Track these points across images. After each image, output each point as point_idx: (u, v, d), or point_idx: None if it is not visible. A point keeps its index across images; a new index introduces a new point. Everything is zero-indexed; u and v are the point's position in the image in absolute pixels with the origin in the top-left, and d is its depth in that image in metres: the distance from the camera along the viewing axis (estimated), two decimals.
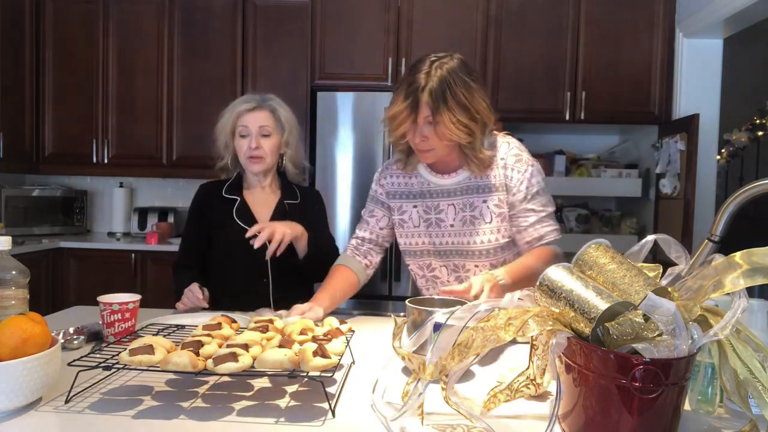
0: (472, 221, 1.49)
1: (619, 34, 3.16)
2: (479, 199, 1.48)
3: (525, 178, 1.46)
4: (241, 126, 1.71)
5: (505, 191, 1.47)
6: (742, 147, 4.21)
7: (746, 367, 0.76)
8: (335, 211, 3.12)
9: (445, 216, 1.51)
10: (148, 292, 3.30)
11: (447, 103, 1.33)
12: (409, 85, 1.35)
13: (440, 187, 1.52)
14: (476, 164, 1.45)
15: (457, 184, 1.51)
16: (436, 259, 1.55)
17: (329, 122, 3.12)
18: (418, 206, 1.55)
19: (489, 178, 1.48)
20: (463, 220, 1.50)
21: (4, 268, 1.05)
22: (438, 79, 1.33)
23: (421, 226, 1.54)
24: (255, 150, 1.69)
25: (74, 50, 3.60)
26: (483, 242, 1.49)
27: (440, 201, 1.52)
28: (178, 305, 1.57)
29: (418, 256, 1.58)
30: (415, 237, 1.56)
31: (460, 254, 1.52)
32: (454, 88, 1.34)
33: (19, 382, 0.84)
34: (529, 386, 0.93)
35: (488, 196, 1.48)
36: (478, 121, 1.38)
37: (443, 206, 1.52)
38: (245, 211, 1.76)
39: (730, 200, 0.95)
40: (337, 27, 3.19)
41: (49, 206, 3.63)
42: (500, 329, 0.78)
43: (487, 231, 1.48)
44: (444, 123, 1.34)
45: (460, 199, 1.50)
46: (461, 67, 1.38)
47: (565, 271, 0.85)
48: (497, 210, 1.47)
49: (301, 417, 0.88)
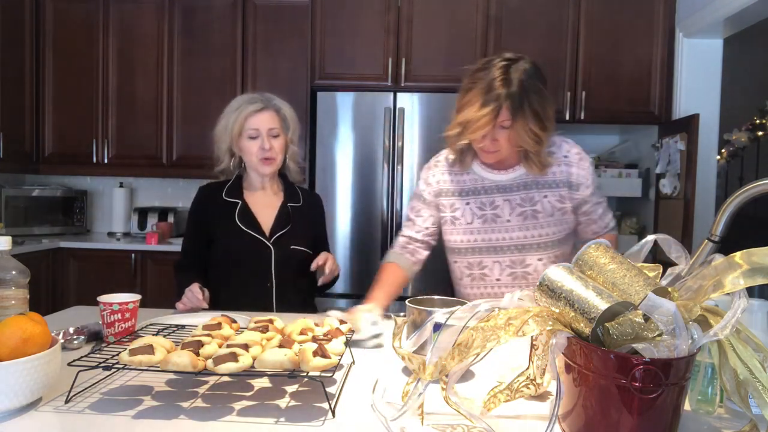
0: (534, 215, 1.51)
1: (619, 34, 3.16)
2: (539, 194, 1.51)
3: (589, 174, 1.53)
4: (251, 129, 1.68)
5: (568, 187, 1.51)
6: (742, 147, 4.21)
7: (746, 367, 0.76)
8: (335, 211, 3.12)
9: (501, 212, 1.53)
10: (148, 292, 3.30)
11: (524, 111, 1.36)
12: (488, 90, 1.35)
13: (496, 183, 1.54)
14: (537, 165, 1.48)
15: (515, 180, 1.53)
16: (489, 256, 1.55)
17: (329, 122, 3.12)
18: (470, 203, 1.55)
19: (549, 175, 1.51)
20: (523, 215, 1.51)
21: (4, 268, 1.05)
22: (518, 85, 1.35)
23: (475, 223, 1.54)
24: (269, 151, 1.69)
25: (74, 50, 3.60)
26: (543, 235, 1.51)
27: (495, 197, 1.54)
28: (177, 305, 1.57)
29: (469, 254, 1.57)
30: (467, 234, 1.56)
31: (519, 249, 1.53)
32: (531, 95, 1.36)
33: (19, 382, 0.84)
34: (529, 386, 0.93)
35: (549, 191, 1.51)
36: (547, 129, 1.42)
37: (499, 202, 1.53)
38: (247, 214, 1.74)
39: (730, 200, 0.95)
40: (337, 27, 3.19)
41: (49, 206, 3.63)
42: (500, 329, 0.78)
43: (550, 224, 1.51)
44: (517, 130, 1.37)
45: (518, 194, 1.52)
46: (535, 72, 1.40)
47: (565, 271, 0.85)
48: (558, 205, 1.51)
49: (301, 417, 0.88)
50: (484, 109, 1.35)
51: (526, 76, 1.36)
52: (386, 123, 3.06)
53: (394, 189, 3.08)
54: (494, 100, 1.34)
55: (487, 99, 1.35)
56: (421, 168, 3.03)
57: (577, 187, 1.51)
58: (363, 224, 3.11)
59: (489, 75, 1.37)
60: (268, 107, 1.71)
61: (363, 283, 3.11)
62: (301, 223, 1.77)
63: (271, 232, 1.73)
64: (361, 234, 3.11)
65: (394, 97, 3.08)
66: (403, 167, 3.08)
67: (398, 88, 3.15)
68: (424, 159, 3.05)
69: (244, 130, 1.69)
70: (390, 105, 3.07)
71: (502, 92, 1.34)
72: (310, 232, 1.80)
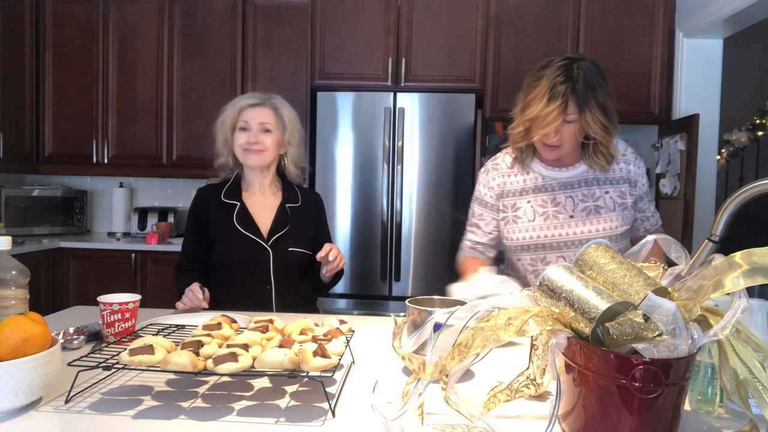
0: (597, 210, 1.56)
1: (619, 34, 3.16)
2: (601, 190, 1.57)
3: (643, 173, 1.62)
4: (242, 121, 1.71)
5: (628, 184, 1.58)
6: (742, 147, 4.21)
7: (746, 367, 0.76)
8: (335, 211, 3.12)
9: (563, 208, 1.57)
10: (148, 292, 3.30)
11: (590, 104, 1.41)
12: (553, 86, 1.41)
13: (557, 180, 1.59)
14: (605, 160, 1.54)
15: (576, 177, 1.58)
16: (553, 252, 1.58)
17: (329, 122, 3.12)
18: (531, 201, 1.60)
19: (611, 172, 1.58)
20: (586, 210, 1.56)
21: (4, 268, 1.05)
22: (582, 80, 1.41)
23: (537, 220, 1.58)
24: (254, 144, 1.69)
25: (74, 50, 3.60)
26: (606, 229, 1.55)
27: (557, 194, 1.58)
28: (178, 305, 1.57)
29: (532, 250, 1.60)
30: (530, 231, 1.59)
31: (583, 243, 1.55)
32: (595, 89, 1.43)
33: (19, 382, 0.84)
34: (529, 386, 0.93)
35: (611, 187, 1.57)
36: (613, 120, 1.47)
37: (560, 198, 1.58)
38: (245, 216, 1.73)
39: (730, 200, 0.95)
40: (337, 27, 3.19)
41: (49, 206, 3.63)
42: (500, 329, 0.78)
43: (612, 219, 1.56)
44: (587, 122, 1.43)
45: (580, 190, 1.57)
46: (597, 68, 1.47)
47: (565, 271, 0.85)
48: (620, 200, 1.57)
49: (301, 417, 0.88)
50: (552, 104, 1.41)
51: (589, 71, 1.43)
52: (386, 123, 3.06)
53: (394, 189, 3.08)
54: (561, 95, 1.41)
55: (553, 94, 1.41)
56: (420, 167, 3.05)
57: (635, 184, 1.59)
58: (363, 224, 3.11)
59: (553, 72, 1.43)
60: (264, 104, 1.73)
61: (363, 283, 3.11)
62: (299, 224, 1.77)
63: (269, 234, 1.72)
64: (361, 234, 3.12)
65: (394, 97, 3.08)
66: (403, 167, 3.08)
67: (398, 88, 3.16)
68: (424, 159, 3.07)
69: (236, 122, 1.72)
70: (390, 105, 3.07)
71: (569, 87, 1.40)
72: (310, 232, 1.80)
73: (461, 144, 3.05)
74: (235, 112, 1.72)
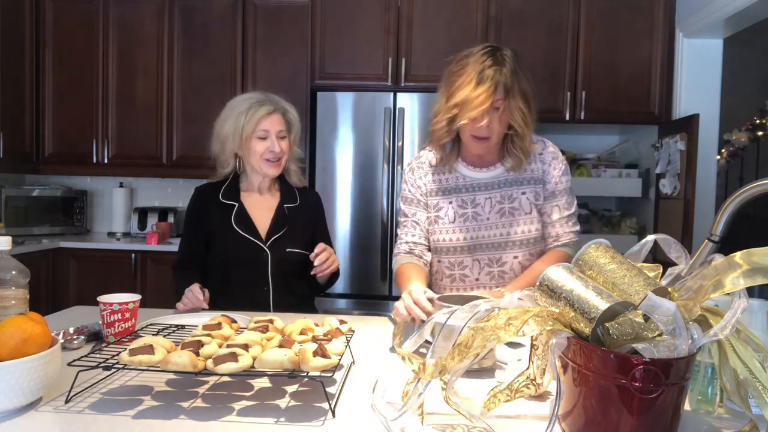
0: (511, 212, 1.54)
1: (619, 34, 3.16)
2: (518, 191, 1.54)
3: (558, 175, 1.55)
4: (262, 130, 1.68)
5: (542, 184, 1.55)
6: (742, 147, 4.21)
7: (746, 367, 0.76)
8: (335, 211, 3.12)
9: (482, 210, 1.55)
10: (148, 292, 3.30)
11: (514, 91, 1.41)
12: (481, 71, 1.39)
13: (477, 181, 1.56)
14: (520, 157, 1.51)
15: (495, 178, 1.56)
16: (468, 255, 1.56)
17: (329, 122, 3.12)
18: (453, 202, 1.57)
19: (527, 172, 1.55)
20: (501, 212, 1.54)
21: (4, 268, 1.05)
22: (509, 66, 1.41)
23: (457, 222, 1.56)
24: (277, 153, 1.69)
25: (74, 50, 3.60)
26: (522, 233, 1.53)
27: (476, 195, 1.56)
28: (178, 305, 1.57)
29: (450, 253, 1.57)
30: (450, 233, 1.56)
31: (497, 247, 1.54)
32: (519, 76, 1.42)
33: (19, 382, 0.84)
34: (529, 386, 0.93)
35: (527, 188, 1.55)
36: (533, 111, 1.46)
37: (480, 200, 1.55)
38: (243, 216, 1.73)
39: (730, 200, 0.95)
40: (337, 27, 3.19)
41: (49, 206, 3.63)
42: (500, 329, 0.78)
43: (527, 221, 1.53)
44: (510, 110, 1.42)
45: (498, 192, 1.55)
46: (517, 58, 1.46)
47: (565, 271, 0.85)
48: (536, 201, 1.54)
49: (301, 417, 0.88)
50: (480, 87, 1.38)
51: (513, 60, 1.43)
52: (386, 123, 3.06)
53: (394, 189, 3.08)
54: (490, 78, 1.39)
55: (482, 78, 1.39)
56: None
57: (545, 183, 1.55)
58: (363, 224, 3.11)
59: (478, 58, 1.42)
60: (277, 110, 1.72)
61: (363, 283, 3.11)
62: (297, 225, 1.77)
63: (267, 235, 1.72)
64: (361, 234, 3.11)
65: (394, 97, 3.08)
66: (403, 167, 3.08)
67: (398, 88, 3.15)
68: None
69: (254, 131, 1.68)
70: (390, 105, 3.07)
71: (496, 70, 1.39)
72: (308, 232, 1.80)
73: None
74: (254, 121, 1.67)
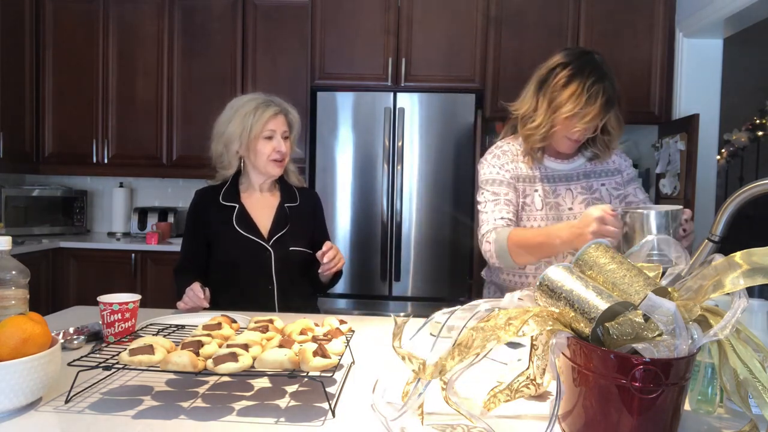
0: (594, 202, 1.58)
1: (619, 34, 3.16)
2: (598, 182, 1.61)
3: (630, 164, 1.67)
4: (269, 130, 1.70)
5: (620, 175, 1.63)
6: (742, 147, 4.21)
7: (746, 367, 0.76)
8: (335, 211, 3.12)
9: (563, 200, 1.60)
10: (148, 292, 3.30)
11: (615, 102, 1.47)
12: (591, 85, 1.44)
13: (559, 172, 1.62)
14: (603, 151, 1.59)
15: (576, 169, 1.62)
16: None
17: (329, 122, 3.12)
18: (539, 190, 1.61)
19: (605, 164, 1.63)
20: (585, 203, 1.58)
21: (4, 268, 1.05)
22: (610, 78, 1.46)
23: (543, 210, 1.60)
24: (282, 153, 1.71)
25: (74, 50, 3.60)
26: None
27: (558, 185, 1.61)
28: (179, 304, 1.57)
29: None
30: (538, 220, 1.60)
31: None
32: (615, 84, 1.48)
33: (19, 382, 0.84)
34: (529, 386, 0.93)
35: (606, 179, 1.62)
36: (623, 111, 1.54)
37: (561, 191, 1.60)
38: (245, 217, 1.73)
39: (730, 200, 0.95)
40: (337, 27, 3.19)
41: (49, 206, 3.63)
42: (500, 329, 0.78)
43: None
44: (610, 120, 1.49)
45: (578, 183, 1.61)
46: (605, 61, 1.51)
47: (565, 271, 0.85)
48: (615, 192, 1.61)
49: (301, 417, 0.88)
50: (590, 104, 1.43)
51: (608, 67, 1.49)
52: (386, 123, 3.06)
53: (394, 189, 3.08)
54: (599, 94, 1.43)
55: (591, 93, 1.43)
56: (420, 167, 3.05)
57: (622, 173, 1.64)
58: (363, 224, 3.11)
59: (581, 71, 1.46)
60: (282, 111, 1.74)
61: (363, 283, 3.11)
62: (299, 223, 1.77)
63: (269, 234, 1.72)
64: (361, 234, 3.11)
65: (394, 97, 3.08)
66: (403, 167, 3.08)
67: (398, 88, 3.15)
68: (424, 159, 3.07)
69: (262, 132, 1.70)
70: (390, 105, 3.07)
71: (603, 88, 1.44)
72: (309, 231, 1.80)
73: (461, 144, 3.05)
74: (262, 123, 1.69)
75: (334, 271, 1.66)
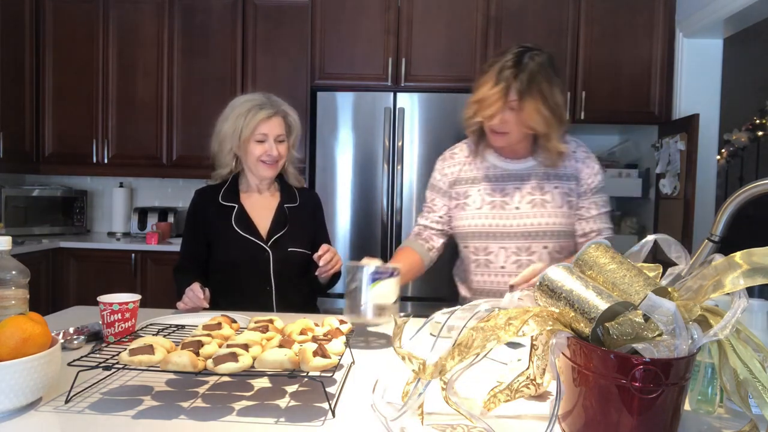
0: (543, 204, 1.57)
1: (619, 34, 3.16)
2: (550, 185, 1.58)
3: (593, 174, 1.59)
4: (260, 133, 1.68)
5: (576, 182, 1.58)
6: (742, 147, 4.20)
7: (746, 367, 0.76)
8: (335, 211, 3.12)
9: (511, 199, 1.59)
10: (148, 292, 3.30)
11: (531, 93, 1.44)
12: (500, 71, 1.45)
13: (508, 171, 1.61)
14: (547, 155, 1.55)
15: (527, 170, 1.60)
16: (495, 242, 1.59)
17: (329, 122, 3.12)
18: (481, 189, 1.61)
19: (561, 168, 1.59)
20: (532, 203, 1.57)
21: (4, 268, 1.05)
22: (528, 70, 1.44)
23: (484, 208, 1.60)
24: (273, 156, 1.70)
25: (74, 50, 3.60)
26: (554, 224, 1.56)
27: (506, 185, 1.60)
28: (178, 304, 1.56)
29: (475, 238, 1.61)
30: (474, 219, 1.60)
31: (526, 236, 1.56)
32: (539, 79, 1.45)
33: (19, 382, 0.84)
34: (529, 386, 0.93)
35: (559, 183, 1.59)
36: (556, 114, 1.49)
37: (509, 190, 1.60)
38: (244, 218, 1.73)
39: (730, 200, 0.95)
40: (337, 27, 3.19)
41: (49, 206, 3.63)
42: (500, 329, 0.78)
43: (559, 214, 1.56)
44: (527, 110, 1.46)
45: (529, 183, 1.59)
46: (548, 61, 1.50)
47: (565, 271, 0.85)
48: (566, 198, 1.58)
49: (301, 417, 0.88)
50: (495, 87, 1.45)
51: (537, 62, 1.46)
52: (386, 123, 3.06)
53: (394, 189, 3.08)
54: (504, 80, 1.44)
55: (498, 79, 1.45)
56: (420, 167, 3.05)
57: (579, 182, 1.59)
58: (363, 224, 3.11)
59: (503, 58, 1.47)
60: (277, 113, 1.72)
61: None
62: (298, 224, 1.77)
63: (268, 235, 1.72)
64: (361, 234, 3.11)
65: (394, 97, 3.08)
66: (403, 167, 3.08)
67: (398, 88, 3.16)
68: (424, 159, 3.07)
69: (253, 134, 1.69)
70: (390, 105, 3.07)
71: (512, 72, 1.44)
72: (309, 232, 1.80)
73: None
74: (253, 124, 1.68)
75: (331, 273, 1.65)
